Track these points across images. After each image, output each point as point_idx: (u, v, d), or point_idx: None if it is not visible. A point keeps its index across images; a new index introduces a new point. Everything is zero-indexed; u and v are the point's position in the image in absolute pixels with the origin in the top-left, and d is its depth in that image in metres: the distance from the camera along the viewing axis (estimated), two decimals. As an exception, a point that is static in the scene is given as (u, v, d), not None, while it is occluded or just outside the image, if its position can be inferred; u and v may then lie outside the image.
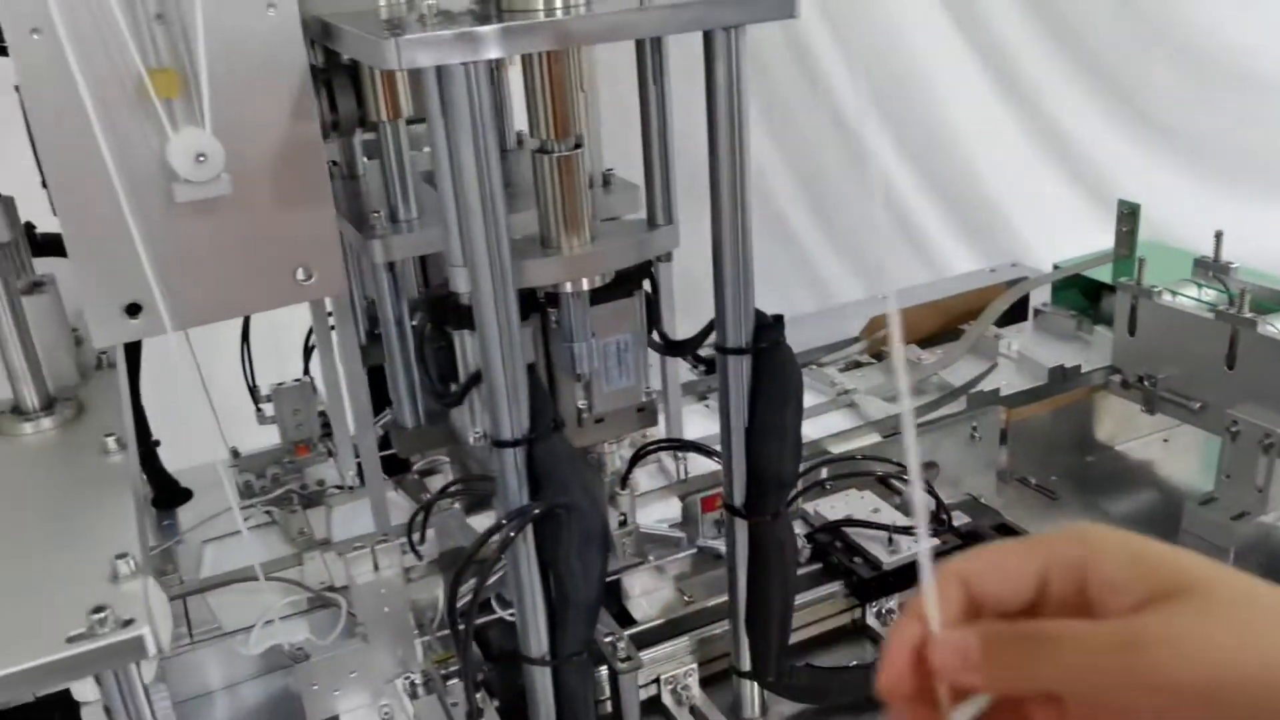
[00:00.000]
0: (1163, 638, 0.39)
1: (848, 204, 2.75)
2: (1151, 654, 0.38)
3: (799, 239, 2.82)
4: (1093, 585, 0.41)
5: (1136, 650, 0.39)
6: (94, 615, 0.64)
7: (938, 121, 2.81)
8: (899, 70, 2.74)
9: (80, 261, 0.83)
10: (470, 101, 0.74)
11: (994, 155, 2.88)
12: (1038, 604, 0.43)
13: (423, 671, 1.01)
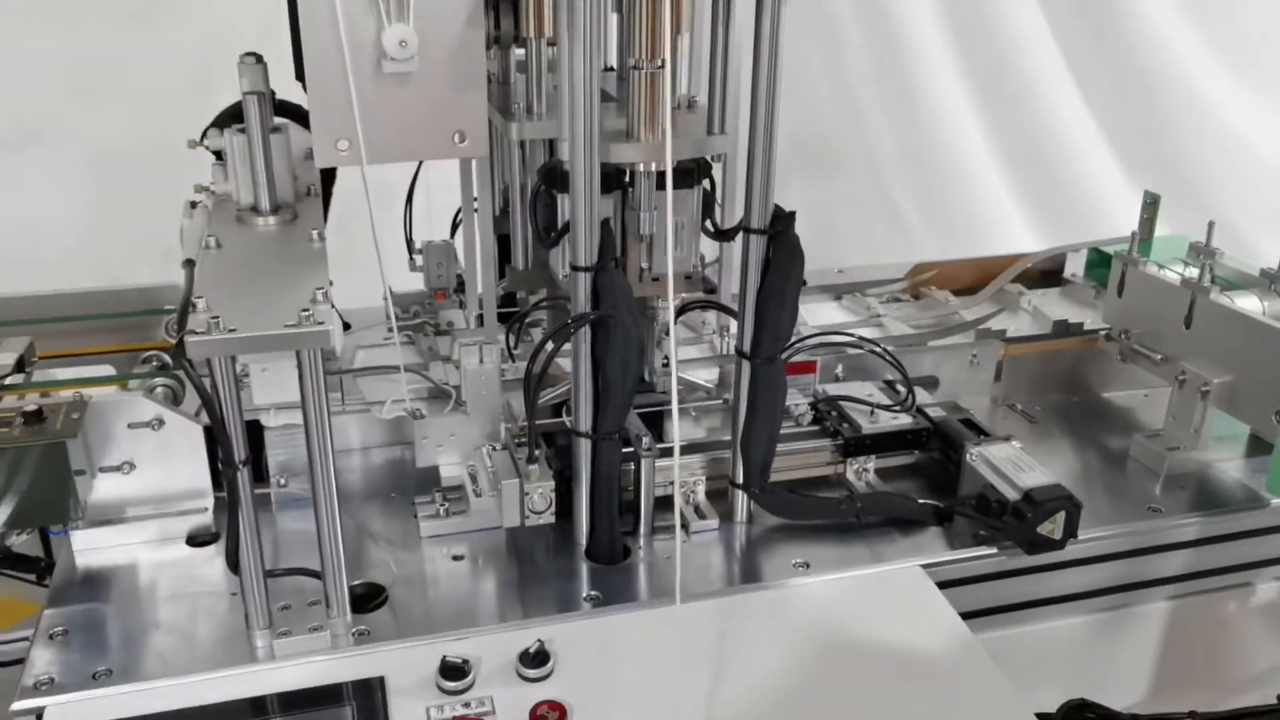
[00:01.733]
0: None
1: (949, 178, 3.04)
2: None
3: (898, 204, 3.11)
4: None
5: None
6: (303, 313, 1.03)
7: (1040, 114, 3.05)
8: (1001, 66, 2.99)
9: (315, 108, 1.21)
10: (585, 23, 1.09)
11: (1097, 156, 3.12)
12: None
13: (501, 441, 1.39)
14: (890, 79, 3.11)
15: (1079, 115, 3.24)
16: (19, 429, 1.19)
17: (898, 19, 3.07)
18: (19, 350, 1.40)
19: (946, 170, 3.16)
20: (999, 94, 3.19)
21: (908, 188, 3.15)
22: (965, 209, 3.18)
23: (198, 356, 1.00)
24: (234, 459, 1.06)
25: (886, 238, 3.16)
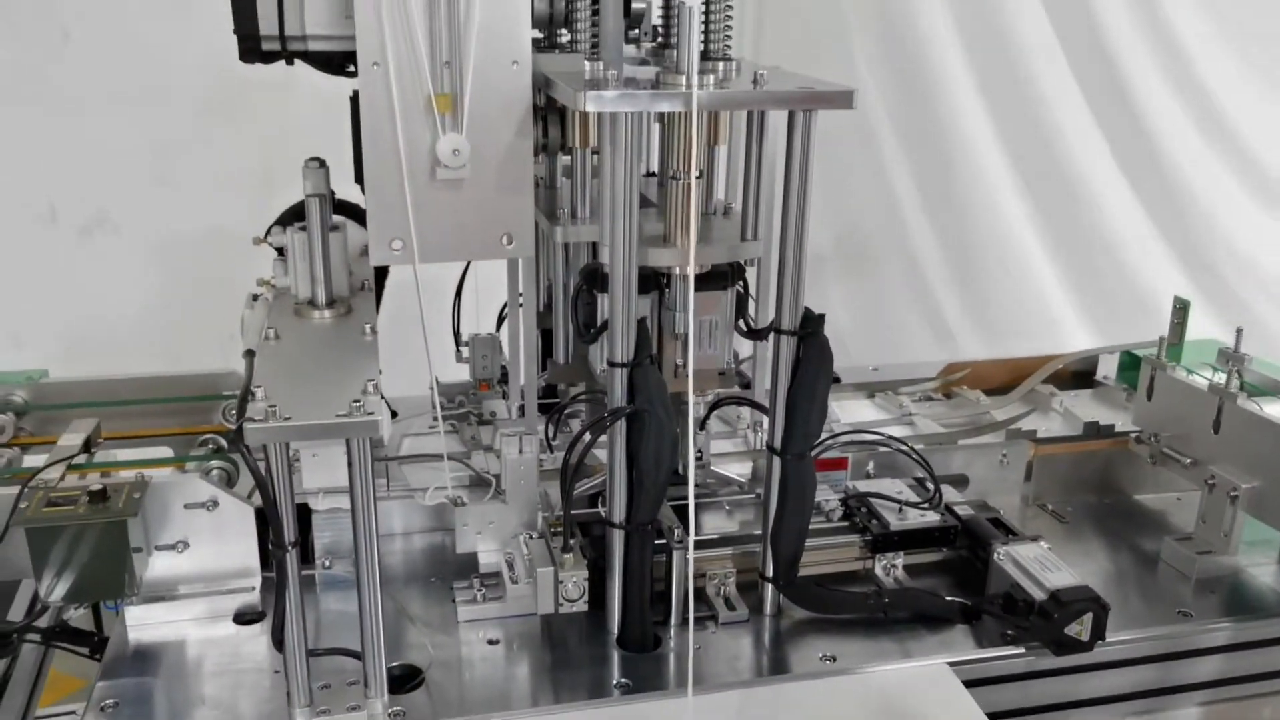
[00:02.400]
0: None
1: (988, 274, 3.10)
2: None
3: (938, 300, 3.16)
4: None
5: None
6: (354, 403, 1.09)
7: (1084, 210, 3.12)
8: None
9: (373, 210, 1.29)
10: (627, 137, 1.17)
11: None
12: None
13: (538, 530, 1.44)
14: (929, 177, 3.19)
15: (1126, 210, 3.29)
16: (84, 507, 1.26)
17: (937, 118, 3.15)
18: (86, 431, 1.48)
19: (984, 266, 3.21)
20: (1041, 190, 3.26)
21: (946, 284, 3.20)
22: (1004, 305, 3.22)
23: (255, 443, 1.06)
24: (284, 541, 1.12)
25: (925, 333, 3.21)
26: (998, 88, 3.15)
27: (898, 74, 3.11)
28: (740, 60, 1.31)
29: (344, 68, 1.37)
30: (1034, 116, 3.21)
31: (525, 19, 1.27)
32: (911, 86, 3.11)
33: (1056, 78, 3.16)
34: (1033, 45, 3.13)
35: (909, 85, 3.10)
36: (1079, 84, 3.18)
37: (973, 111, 3.17)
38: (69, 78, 2.71)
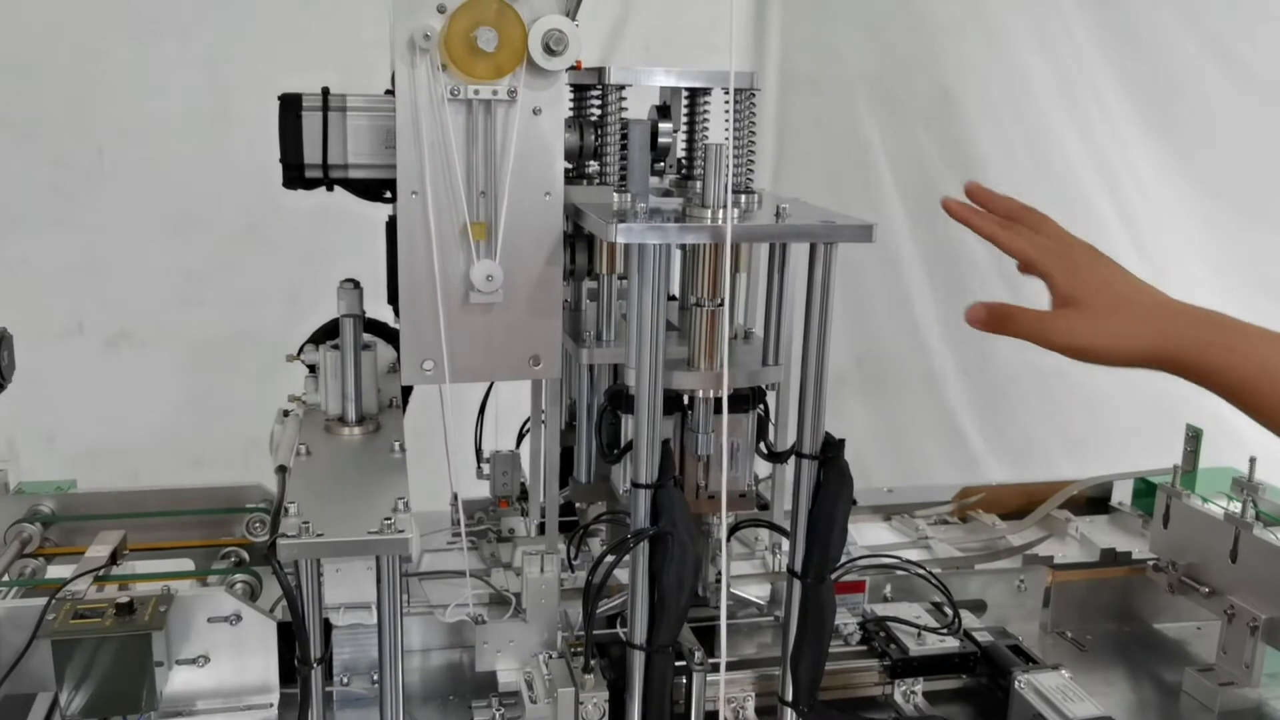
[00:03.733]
0: (1061, 325, 0.97)
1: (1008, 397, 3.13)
2: (1051, 334, 0.97)
3: (959, 423, 3.18)
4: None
5: (1046, 328, 0.96)
6: (385, 521, 1.11)
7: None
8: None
9: (406, 331, 1.34)
10: (653, 266, 1.22)
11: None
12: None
13: (558, 650, 1.44)
14: (949, 301, 3.24)
15: None
16: (111, 620, 1.27)
17: (957, 243, 3.22)
18: (113, 544, 1.50)
19: (1004, 389, 3.23)
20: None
21: (967, 407, 3.23)
22: (1026, 429, 3.23)
23: (288, 559, 1.08)
24: (310, 657, 1.13)
25: (943, 455, 3.22)
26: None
27: (918, 199, 3.19)
28: (761, 192, 1.37)
29: (381, 194, 1.43)
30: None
31: (558, 152, 1.33)
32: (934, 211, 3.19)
33: (1079, 208, 3.23)
34: (1053, 172, 3.21)
35: (931, 210, 3.18)
36: (1100, 214, 3.24)
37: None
38: (102, 199, 2.81)
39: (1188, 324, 0.95)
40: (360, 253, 1.65)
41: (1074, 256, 1.01)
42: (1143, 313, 0.96)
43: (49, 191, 2.79)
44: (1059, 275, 0.99)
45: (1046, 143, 3.15)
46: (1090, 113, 3.13)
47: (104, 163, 2.82)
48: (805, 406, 1.31)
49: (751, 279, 1.59)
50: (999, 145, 3.14)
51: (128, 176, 2.81)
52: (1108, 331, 0.95)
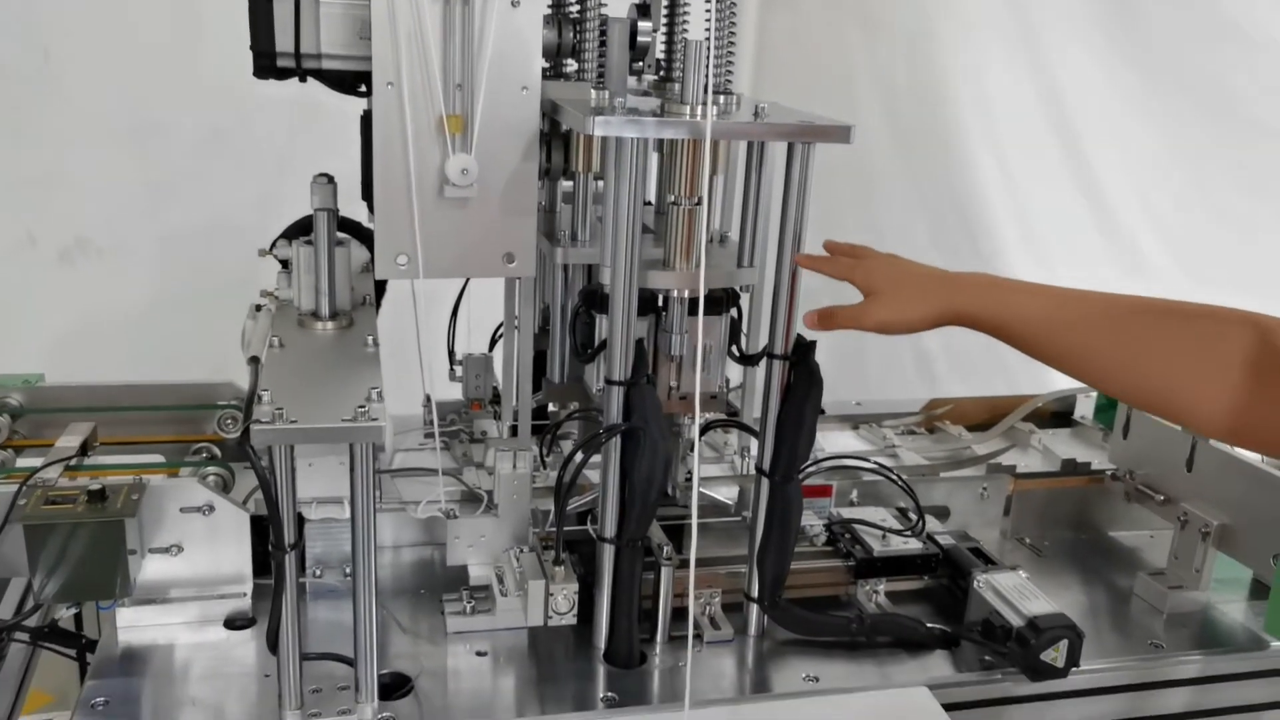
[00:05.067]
0: (869, 311, 1.22)
1: None
2: (862, 320, 1.23)
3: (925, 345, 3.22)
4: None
5: (858, 317, 1.23)
6: (359, 409, 1.12)
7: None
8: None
9: (380, 225, 1.32)
10: (630, 162, 1.21)
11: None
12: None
13: (529, 545, 1.46)
14: (920, 221, 3.25)
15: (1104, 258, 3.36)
16: (83, 506, 1.27)
17: (930, 161, 3.22)
18: (84, 435, 1.50)
19: None
20: (1032, 242, 3.32)
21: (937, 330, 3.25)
22: (992, 347, 3.27)
23: (262, 444, 1.09)
24: (284, 542, 1.14)
25: (911, 373, 3.25)
26: (993, 138, 3.23)
27: (897, 117, 3.18)
28: (740, 95, 1.36)
29: (355, 87, 1.41)
30: (1027, 168, 3.28)
31: (536, 47, 1.31)
32: (911, 129, 3.18)
33: (1048, 131, 3.23)
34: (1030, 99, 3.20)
35: (907, 128, 3.17)
36: (1069, 137, 3.24)
37: (970, 160, 3.24)
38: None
39: (958, 289, 1.20)
40: (335, 157, 1.62)
41: (871, 262, 1.30)
42: (922, 287, 1.23)
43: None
44: (860, 278, 1.26)
45: (1020, 72, 3.15)
46: (1068, 52, 3.13)
47: (50, 66, 2.71)
48: (778, 307, 1.33)
49: (728, 183, 1.59)
50: (973, 71, 3.13)
51: (77, 79, 2.70)
52: (901, 307, 1.22)
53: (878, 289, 1.24)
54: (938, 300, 1.20)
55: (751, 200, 1.37)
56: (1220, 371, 1.00)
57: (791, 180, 1.28)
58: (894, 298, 1.23)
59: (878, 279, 1.25)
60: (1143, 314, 1.08)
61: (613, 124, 1.19)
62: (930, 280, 1.23)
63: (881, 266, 1.28)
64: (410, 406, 1.76)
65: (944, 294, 1.20)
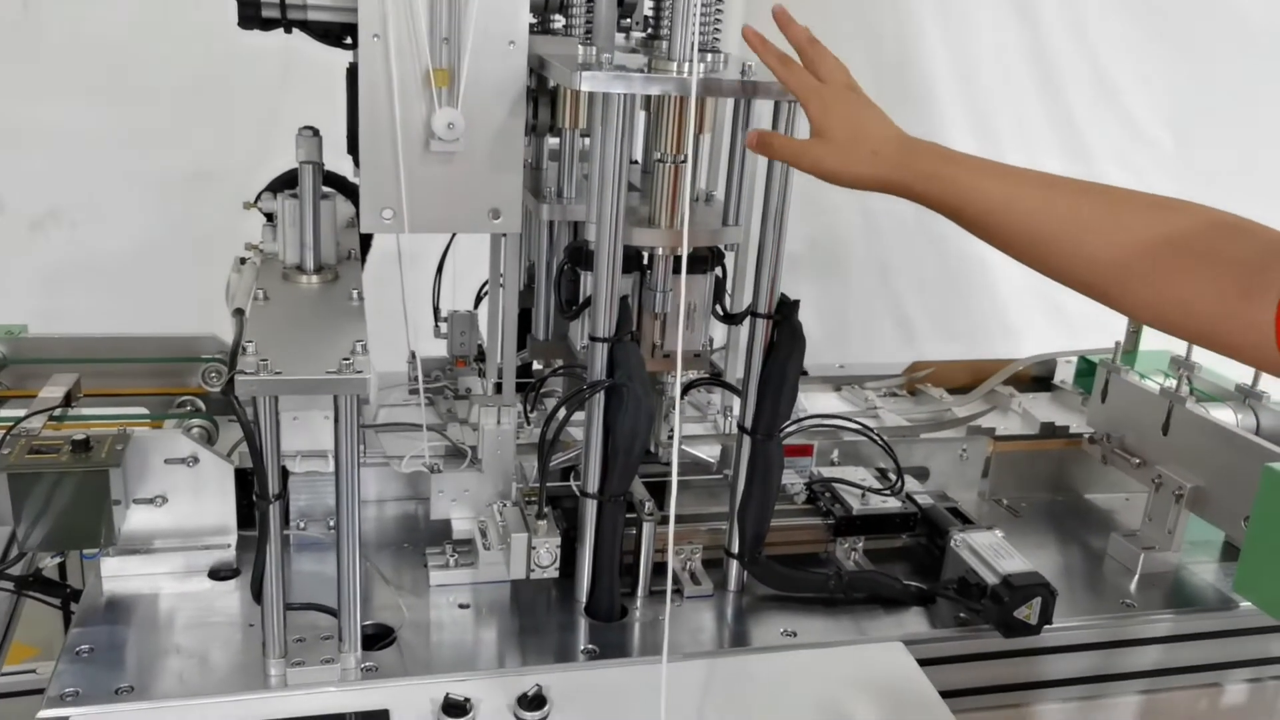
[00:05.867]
0: (812, 153, 1.13)
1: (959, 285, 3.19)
2: (802, 159, 1.14)
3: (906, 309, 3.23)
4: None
5: (799, 154, 1.14)
6: (343, 361, 1.12)
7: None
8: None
9: (366, 179, 1.32)
10: (617, 118, 1.21)
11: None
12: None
13: (512, 499, 1.47)
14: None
15: None
16: (67, 455, 1.27)
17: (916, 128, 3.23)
18: (67, 386, 1.50)
19: (953, 274, 3.28)
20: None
21: (915, 290, 3.27)
22: (971, 315, 3.29)
23: (246, 395, 1.09)
24: (268, 492, 1.14)
25: (892, 336, 3.28)
26: (973, 106, 3.23)
27: (880, 83, 3.17)
28: (728, 54, 1.36)
29: (341, 39, 1.40)
30: (1011, 134, 3.28)
31: (524, 1, 1.30)
32: (893, 95, 3.18)
33: (1031, 95, 3.24)
34: (1011, 62, 3.21)
35: (890, 94, 3.17)
36: (1052, 102, 3.26)
37: (951, 124, 3.24)
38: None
39: (915, 156, 1.10)
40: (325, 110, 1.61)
41: (830, 95, 1.15)
42: (877, 145, 1.11)
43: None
44: (815, 111, 1.14)
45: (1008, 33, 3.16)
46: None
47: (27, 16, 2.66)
48: (763, 266, 1.33)
49: (715, 142, 1.59)
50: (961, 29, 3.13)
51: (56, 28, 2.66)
52: (847, 160, 1.11)
53: (829, 132, 1.12)
54: (890, 166, 1.10)
55: (737, 159, 1.37)
56: (1211, 270, 0.90)
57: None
58: (846, 150, 1.12)
59: (834, 119, 1.13)
60: (1106, 200, 1.00)
61: (599, 79, 1.19)
62: (887, 143, 1.12)
63: (840, 105, 1.14)
64: (395, 363, 1.76)
65: (898, 160, 1.10)
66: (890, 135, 1.13)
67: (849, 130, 1.12)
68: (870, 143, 1.11)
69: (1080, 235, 0.98)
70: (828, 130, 1.13)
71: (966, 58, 3.16)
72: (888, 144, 1.12)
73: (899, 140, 1.12)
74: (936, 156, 1.09)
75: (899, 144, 1.12)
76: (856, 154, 1.11)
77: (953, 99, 3.18)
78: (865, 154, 1.11)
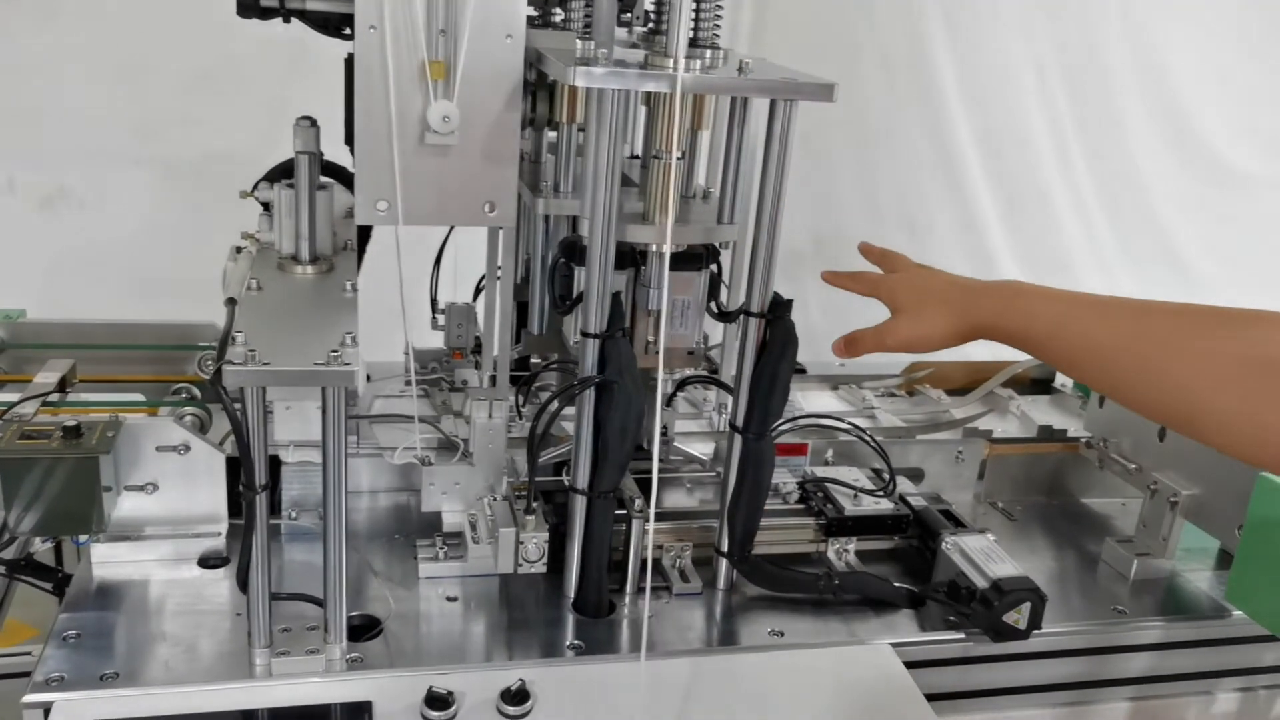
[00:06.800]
0: (893, 330, 1.20)
1: None
2: (886, 340, 1.20)
3: None
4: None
5: (883, 338, 1.21)
6: (332, 353, 1.12)
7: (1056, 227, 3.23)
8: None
9: (361, 170, 1.32)
10: (611, 114, 1.21)
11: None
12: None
13: (502, 493, 1.47)
14: (911, 190, 3.25)
15: (1091, 228, 3.38)
16: (58, 441, 1.28)
17: (924, 129, 3.22)
18: (62, 371, 1.50)
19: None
20: (1017, 207, 3.34)
21: None
22: None
23: (233, 385, 1.09)
24: (255, 482, 1.14)
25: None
26: (983, 108, 3.22)
27: (891, 85, 3.17)
28: (728, 50, 1.35)
29: (340, 29, 1.39)
30: (1015, 136, 3.28)
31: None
32: (904, 97, 3.17)
33: (1040, 96, 3.23)
34: (1020, 65, 3.20)
35: (901, 96, 3.16)
36: (1061, 102, 3.25)
37: (957, 125, 3.23)
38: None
39: (980, 299, 1.13)
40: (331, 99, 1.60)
41: (897, 278, 1.24)
42: (945, 300, 1.16)
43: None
44: (885, 295, 1.23)
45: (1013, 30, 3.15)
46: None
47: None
48: (756, 264, 1.33)
49: (714, 139, 1.58)
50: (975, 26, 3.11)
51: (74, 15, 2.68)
52: (921, 321, 1.17)
53: (901, 305, 1.20)
54: (960, 314, 1.13)
55: (733, 157, 1.36)
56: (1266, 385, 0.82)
57: (773, 137, 1.27)
58: (917, 314, 1.17)
59: (902, 294, 1.20)
60: (1175, 316, 0.92)
61: (594, 75, 1.19)
62: (953, 290, 1.16)
63: (906, 280, 1.22)
64: (393, 353, 1.77)
65: (965, 306, 1.13)
66: (956, 283, 1.18)
67: (916, 295, 1.19)
68: (938, 299, 1.16)
69: (1149, 354, 0.91)
70: (898, 304, 1.20)
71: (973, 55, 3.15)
72: (954, 291, 1.16)
73: (965, 286, 1.16)
74: (1005, 291, 1.11)
75: (965, 290, 1.15)
76: (928, 313, 1.16)
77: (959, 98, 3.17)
78: (935, 310, 1.16)
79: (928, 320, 1.16)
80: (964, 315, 1.13)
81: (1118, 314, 0.98)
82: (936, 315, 1.15)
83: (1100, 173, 3.38)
